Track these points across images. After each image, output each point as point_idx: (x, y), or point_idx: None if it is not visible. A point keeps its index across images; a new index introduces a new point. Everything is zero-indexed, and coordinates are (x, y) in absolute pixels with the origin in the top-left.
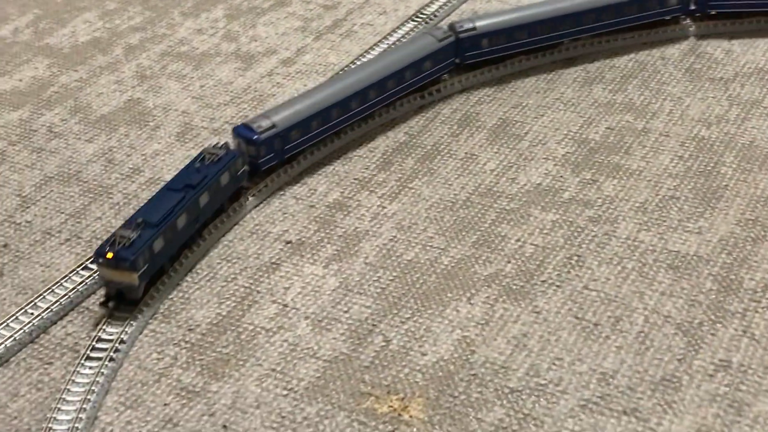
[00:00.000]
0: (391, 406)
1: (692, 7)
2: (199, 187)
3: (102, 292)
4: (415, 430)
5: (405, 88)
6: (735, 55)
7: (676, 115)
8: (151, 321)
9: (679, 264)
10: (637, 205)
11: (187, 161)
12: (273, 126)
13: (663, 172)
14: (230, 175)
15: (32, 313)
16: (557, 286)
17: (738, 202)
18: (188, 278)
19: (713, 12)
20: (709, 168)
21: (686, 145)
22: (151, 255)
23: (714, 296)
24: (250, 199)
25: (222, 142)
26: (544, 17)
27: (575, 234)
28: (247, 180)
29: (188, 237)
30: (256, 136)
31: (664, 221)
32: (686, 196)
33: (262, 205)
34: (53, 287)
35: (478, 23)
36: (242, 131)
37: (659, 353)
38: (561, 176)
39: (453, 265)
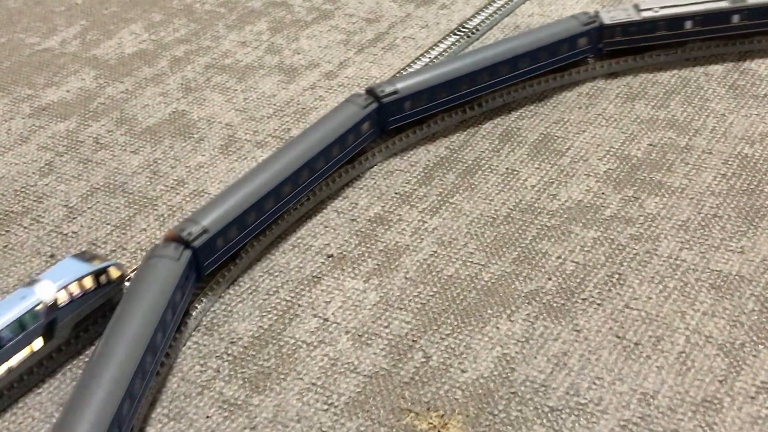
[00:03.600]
0: (431, 423)
1: (600, 46)
2: None
3: None
4: None
5: (335, 163)
6: None
7: (719, 133)
8: (194, 333)
9: (721, 284)
10: (679, 223)
11: (231, 174)
12: (205, 230)
13: (705, 190)
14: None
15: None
16: (598, 304)
17: None
18: (231, 291)
19: (620, 48)
20: (752, 186)
21: (729, 162)
22: None
23: (756, 317)
24: (293, 212)
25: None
26: (464, 72)
27: (616, 252)
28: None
29: None
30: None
31: (707, 240)
32: (729, 214)
33: (303, 219)
34: None
35: (399, 85)
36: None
37: (700, 374)
38: (602, 193)
39: (493, 281)
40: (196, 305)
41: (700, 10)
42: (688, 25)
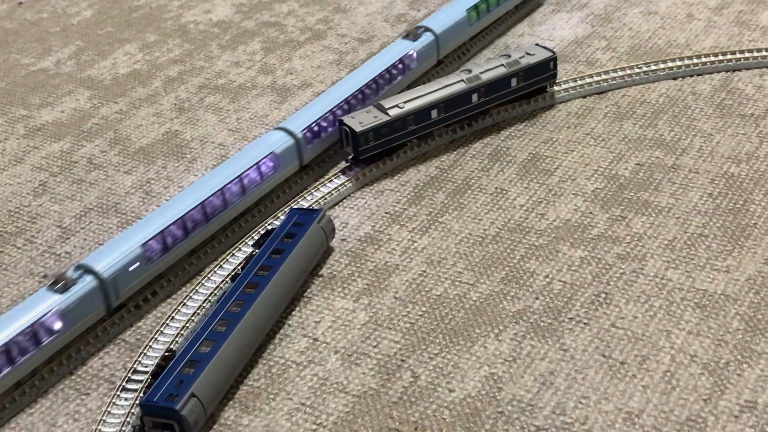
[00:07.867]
0: None
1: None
2: None
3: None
4: None
5: None
6: (766, 91)
7: (706, 152)
8: None
9: (707, 303)
10: (665, 242)
11: None
12: None
13: (692, 209)
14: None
15: (69, 345)
16: (585, 323)
17: (767, 240)
18: None
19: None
20: (738, 206)
21: (716, 182)
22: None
23: (741, 336)
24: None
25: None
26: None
27: (603, 271)
28: None
29: None
30: None
31: (692, 259)
32: (715, 234)
33: None
34: None
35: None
36: None
37: (685, 393)
38: (590, 212)
39: (481, 300)
40: (187, 325)
41: (443, 96)
42: (434, 114)
